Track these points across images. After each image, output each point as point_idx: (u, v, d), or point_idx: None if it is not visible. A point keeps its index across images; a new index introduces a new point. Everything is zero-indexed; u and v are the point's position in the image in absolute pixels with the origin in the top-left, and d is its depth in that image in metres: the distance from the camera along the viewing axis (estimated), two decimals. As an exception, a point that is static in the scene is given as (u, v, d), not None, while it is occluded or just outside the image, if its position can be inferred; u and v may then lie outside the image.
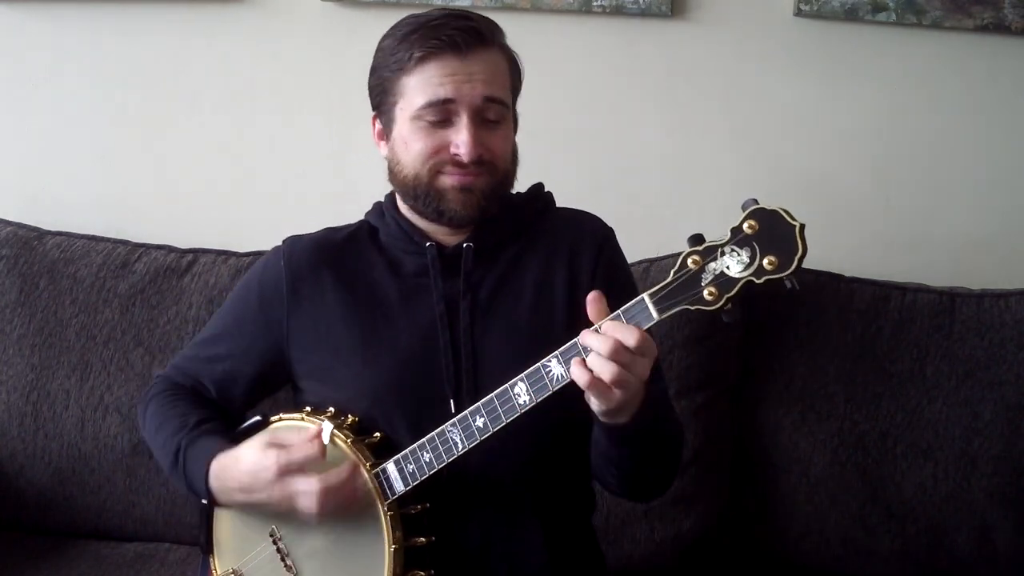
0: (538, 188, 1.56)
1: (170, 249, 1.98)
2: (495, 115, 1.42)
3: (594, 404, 1.23)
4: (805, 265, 1.87)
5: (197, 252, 1.97)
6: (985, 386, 1.82)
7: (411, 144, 1.42)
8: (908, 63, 2.06)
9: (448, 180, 1.41)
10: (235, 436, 1.45)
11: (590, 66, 2.10)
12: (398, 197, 1.51)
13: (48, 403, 1.90)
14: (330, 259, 1.50)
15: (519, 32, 2.09)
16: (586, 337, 1.20)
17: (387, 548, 1.33)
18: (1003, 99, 2.06)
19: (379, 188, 1.69)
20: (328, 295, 1.47)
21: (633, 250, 1.89)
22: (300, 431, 1.36)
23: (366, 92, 2.13)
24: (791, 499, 1.84)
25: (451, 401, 1.38)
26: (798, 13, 2.03)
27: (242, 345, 1.52)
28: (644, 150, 2.12)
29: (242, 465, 1.36)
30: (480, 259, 1.45)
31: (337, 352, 1.45)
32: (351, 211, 1.94)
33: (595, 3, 2.05)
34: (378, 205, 1.56)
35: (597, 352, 1.18)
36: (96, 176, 2.19)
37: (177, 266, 1.94)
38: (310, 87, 2.14)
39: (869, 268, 1.95)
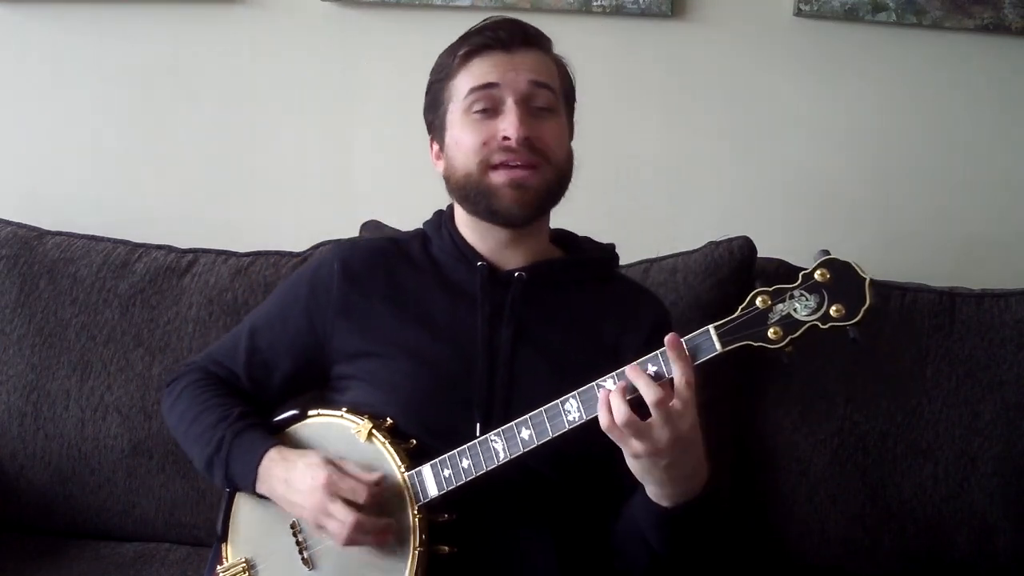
0: (610, 248, 1.57)
1: (170, 249, 1.98)
2: (544, 102, 1.43)
3: (632, 462, 1.24)
4: (805, 265, 1.89)
5: (197, 252, 1.97)
6: (985, 386, 1.81)
7: (462, 141, 1.43)
8: (908, 63, 2.06)
9: (499, 177, 1.40)
10: (274, 427, 1.46)
11: (590, 66, 2.09)
12: (456, 209, 1.51)
13: (48, 403, 1.89)
14: (383, 269, 1.50)
15: (519, 32, 2.09)
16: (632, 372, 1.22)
17: (412, 551, 1.33)
18: (1003, 99, 2.06)
19: (379, 188, 1.70)
20: (376, 304, 1.47)
21: (633, 250, 1.90)
22: (358, 467, 1.36)
23: (366, 92, 2.15)
24: (791, 499, 1.84)
25: (477, 425, 1.37)
26: (798, 13, 2.03)
27: (284, 340, 1.52)
28: (644, 150, 2.12)
29: (299, 462, 1.36)
30: (531, 292, 1.45)
31: (376, 358, 1.45)
32: (351, 211, 1.96)
33: (595, 3, 2.05)
34: (437, 215, 1.56)
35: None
36: (96, 176, 2.19)
37: (177, 266, 1.94)
38: (310, 87, 2.15)
39: (869, 268, 1.94)
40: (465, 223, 1.49)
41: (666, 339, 1.21)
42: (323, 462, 1.35)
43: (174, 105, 2.16)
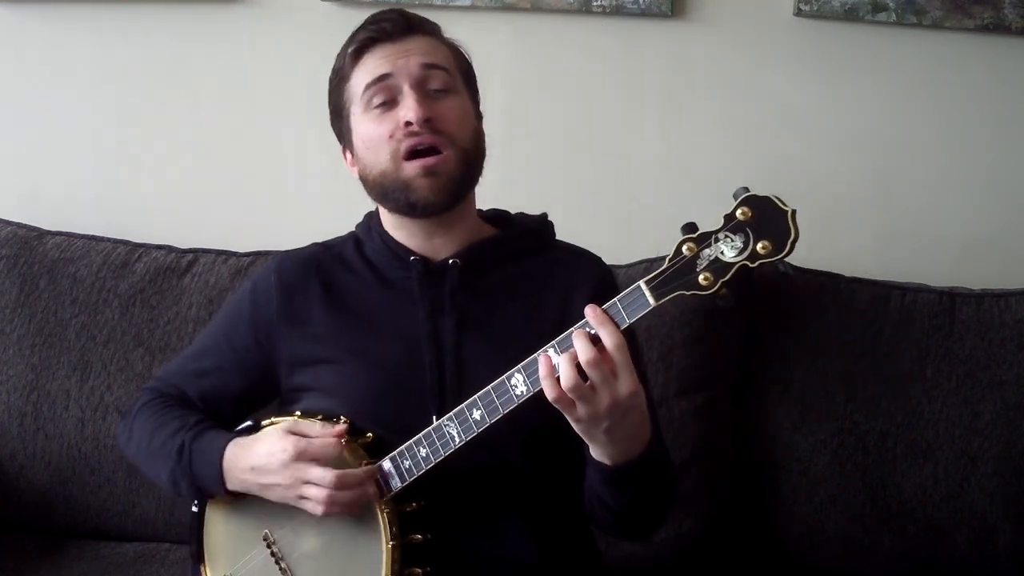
0: (543, 218, 1.55)
1: (170, 249, 1.98)
2: (440, 83, 1.42)
3: (574, 425, 1.24)
4: (805, 264, 1.90)
5: (197, 252, 1.97)
6: (985, 386, 1.82)
7: (368, 138, 1.43)
8: (908, 63, 2.06)
9: (411, 168, 1.39)
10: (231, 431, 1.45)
11: (590, 66, 2.10)
12: (381, 210, 1.51)
13: (48, 403, 1.90)
14: (319, 276, 1.50)
15: (519, 32, 2.11)
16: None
17: (384, 545, 1.33)
18: (1003, 99, 2.06)
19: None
20: (317, 312, 1.47)
21: (633, 250, 1.90)
22: (319, 425, 1.36)
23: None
24: (791, 499, 1.84)
25: (433, 418, 1.36)
26: (798, 13, 2.03)
27: (231, 360, 1.53)
28: (644, 150, 2.12)
29: (258, 446, 1.36)
30: (468, 278, 1.45)
31: (323, 365, 1.45)
32: (350, 212, 1.95)
33: (595, 3, 2.05)
34: (367, 217, 1.56)
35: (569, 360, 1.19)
36: (96, 176, 2.19)
37: (177, 266, 1.94)
38: (310, 87, 2.12)
39: (869, 268, 1.95)
40: (391, 222, 1.49)
41: (586, 310, 1.21)
42: (283, 434, 1.35)
43: (174, 105, 2.16)
